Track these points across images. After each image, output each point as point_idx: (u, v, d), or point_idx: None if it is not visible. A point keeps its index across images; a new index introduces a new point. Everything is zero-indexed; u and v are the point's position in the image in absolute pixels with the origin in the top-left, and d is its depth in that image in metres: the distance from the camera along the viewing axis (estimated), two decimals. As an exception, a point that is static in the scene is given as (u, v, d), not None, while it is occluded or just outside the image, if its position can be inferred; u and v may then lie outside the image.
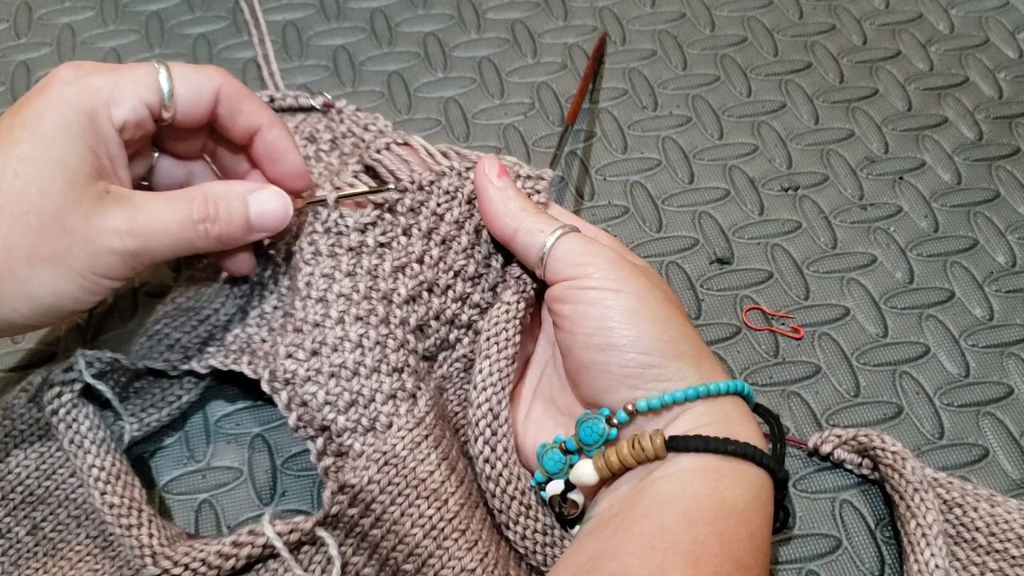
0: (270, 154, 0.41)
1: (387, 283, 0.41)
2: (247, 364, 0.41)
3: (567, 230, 0.40)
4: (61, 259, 0.34)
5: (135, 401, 0.42)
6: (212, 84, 0.39)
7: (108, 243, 0.35)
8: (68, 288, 0.35)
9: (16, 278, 0.34)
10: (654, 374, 0.37)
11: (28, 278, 0.34)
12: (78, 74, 0.36)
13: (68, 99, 0.35)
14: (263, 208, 0.39)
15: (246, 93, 0.40)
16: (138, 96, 0.37)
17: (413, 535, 0.37)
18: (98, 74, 0.36)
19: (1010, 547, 0.39)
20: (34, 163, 0.34)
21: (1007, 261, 0.51)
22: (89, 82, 0.36)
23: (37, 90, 0.36)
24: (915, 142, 0.56)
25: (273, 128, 0.40)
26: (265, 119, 0.40)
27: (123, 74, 0.37)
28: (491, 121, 0.56)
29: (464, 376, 0.43)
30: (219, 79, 0.39)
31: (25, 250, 0.34)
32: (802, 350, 0.47)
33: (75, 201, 0.34)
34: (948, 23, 0.61)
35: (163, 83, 0.37)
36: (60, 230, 0.34)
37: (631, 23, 0.61)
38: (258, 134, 0.40)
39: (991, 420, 0.45)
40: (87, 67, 0.36)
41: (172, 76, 0.38)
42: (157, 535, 0.37)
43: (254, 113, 0.40)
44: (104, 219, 0.35)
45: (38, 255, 0.34)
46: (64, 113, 0.35)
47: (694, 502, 0.34)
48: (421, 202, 0.43)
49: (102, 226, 0.35)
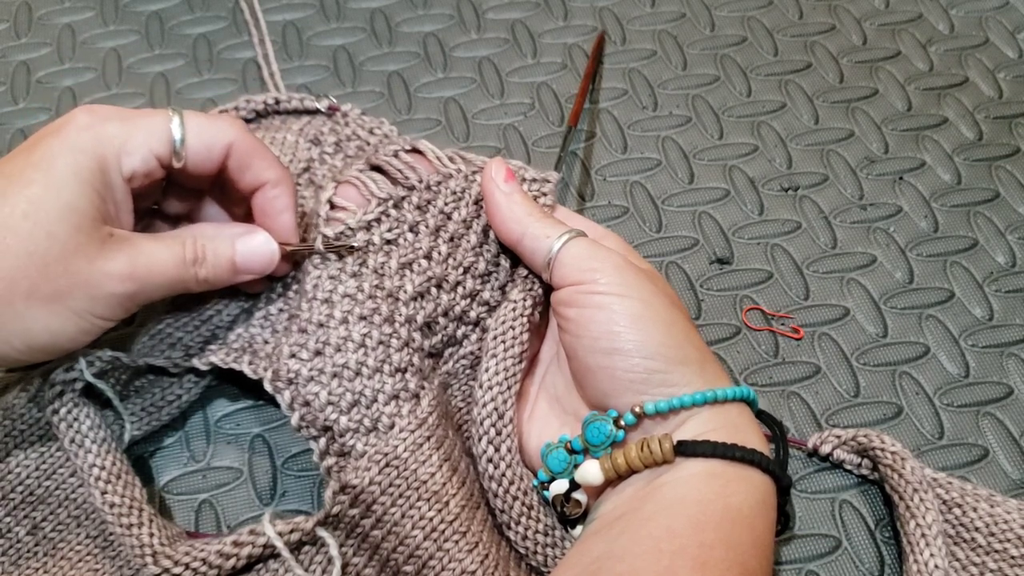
0: (266, 210, 0.41)
1: (393, 280, 0.41)
2: (248, 364, 0.41)
3: (573, 235, 0.40)
4: (61, 299, 0.35)
5: (135, 400, 0.42)
6: (225, 138, 0.39)
7: (109, 287, 0.36)
8: (65, 327, 0.36)
9: (14, 314, 0.35)
10: (659, 379, 0.37)
11: (26, 315, 0.35)
12: (93, 120, 0.36)
13: (82, 145, 0.36)
14: (250, 252, 0.40)
15: (257, 150, 0.40)
16: (149, 148, 0.37)
17: (414, 537, 0.37)
18: (113, 122, 0.37)
19: (1009, 547, 0.39)
20: (44, 206, 0.34)
21: (1007, 261, 0.51)
22: (103, 130, 0.36)
23: (52, 130, 0.36)
24: (915, 142, 0.56)
25: (277, 187, 0.40)
26: (272, 176, 0.40)
27: (137, 124, 0.37)
28: (491, 121, 0.56)
29: (470, 373, 0.43)
30: (232, 134, 0.39)
31: (26, 288, 0.34)
32: (802, 350, 0.47)
33: (80, 244, 0.35)
34: (948, 23, 0.61)
35: (175, 133, 0.38)
36: (63, 272, 0.35)
37: (631, 23, 0.61)
38: (261, 189, 0.40)
39: (991, 420, 0.45)
40: (103, 113, 0.37)
41: (185, 127, 0.38)
42: (158, 534, 0.37)
43: (263, 171, 0.40)
44: (106, 263, 0.36)
45: (38, 293, 0.35)
46: (77, 159, 0.35)
47: (701, 507, 0.34)
48: (428, 201, 0.43)
49: (103, 270, 0.36)
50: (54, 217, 0.34)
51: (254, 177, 0.40)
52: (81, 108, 0.37)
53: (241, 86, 0.57)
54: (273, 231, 0.41)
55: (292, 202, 0.41)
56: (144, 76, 0.57)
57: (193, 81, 0.57)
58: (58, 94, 0.56)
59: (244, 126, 0.40)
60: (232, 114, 0.51)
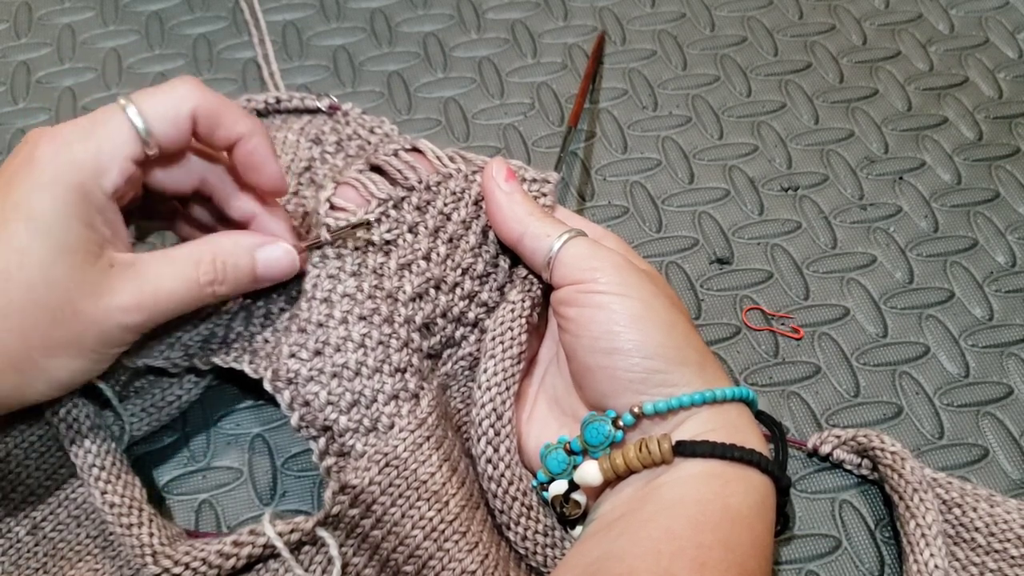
0: (249, 164, 0.40)
1: (392, 281, 0.41)
2: (248, 363, 0.41)
3: (573, 234, 0.40)
4: (75, 343, 0.35)
5: (135, 401, 0.42)
6: (186, 106, 0.37)
7: (118, 320, 0.35)
8: (83, 365, 0.36)
9: (36, 367, 0.35)
10: (659, 379, 0.37)
11: (47, 365, 0.35)
12: (57, 147, 0.35)
13: (56, 177, 0.34)
14: (271, 263, 0.39)
15: (222, 107, 0.38)
16: (121, 156, 0.35)
17: (414, 537, 0.37)
18: (76, 143, 0.35)
19: (1009, 547, 0.39)
20: (36, 256, 0.33)
21: (1007, 261, 0.51)
22: (71, 155, 0.35)
23: (19, 167, 0.35)
24: (915, 142, 0.56)
25: (252, 138, 0.39)
26: (244, 128, 0.39)
27: (99, 136, 0.35)
28: (491, 121, 0.56)
29: (469, 374, 0.43)
30: (192, 99, 0.37)
31: (40, 340, 0.34)
32: (802, 350, 0.47)
33: (81, 283, 0.34)
34: (948, 23, 0.61)
35: (137, 123, 0.36)
36: (72, 316, 0.34)
37: (631, 23, 0.61)
38: (238, 144, 0.39)
39: (991, 420, 0.45)
40: (63, 136, 0.35)
41: (144, 114, 0.36)
42: (158, 534, 0.37)
43: (233, 125, 0.38)
44: (112, 298, 0.35)
45: (53, 343, 0.35)
46: (55, 194, 0.34)
47: (700, 507, 0.34)
48: (428, 201, 0.43)
49: (110, 305, 0.35)
50: (49, 263, 0.33)
51: (226, 134, 0.38)
52: (39, 135, 0.35)
53: (241, 86, 0.57)
54: (262, 184, 0.40)
55: (271, 151, 0.40)
56: (144, 76, 0.57)
57: (193, 81, 0.57)
58: (58, 94, 0.56)
59: (198, 84, 0.38)
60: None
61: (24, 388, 0.36)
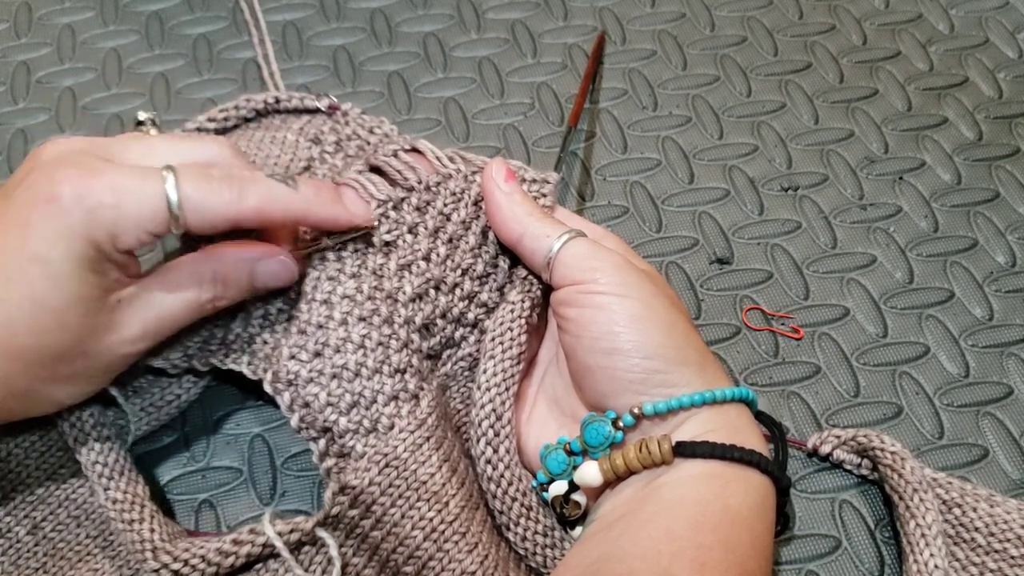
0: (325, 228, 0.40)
1: (392, 282, 0.41)
2: (247, 364, 0.41)
3: (573, 235, 0.40)
4: (80, 376, 0.36)
5: (135, 400, 0.42)
6: (226, 215, 0.36)
7: (124, 352, 0.37)
8: (86, 389, 0.38)
9: (40, 397, 0.36)
10: (659, 379, 0.37)
11: (52, 393, 0.36)
12: (82, 193, 0.33)
13: (73, 228, 0.33)
14: (269, 275, 0.40)
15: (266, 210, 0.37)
16: (143, 229, 0.35)
17: (414, 537, 0.37)
18: (103, 194, 0.34)
19: (1009, 547, 0.39)
20: (50, 304, 0.34)
21: (1007, 261, 0.51)
22: (94, 206, 0.34)
23: (39, 201, 0.34)
24: (915, 142, 0.56)
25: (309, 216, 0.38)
26: (295, 214, 0.38)
27: (127, 203, 0.34)
28: (491, 121, 0.56)
29: (468, 375, 0.43)
30: (235, 211, 0.36)
31: (47, 375, 0.35)
32: (802, 350, 0.47)
33: (91, 327, 0.35)
34: (948, 23, 0.61)
35: (172, 201, 0.34)
36: (79, 355, 0.35)
37: (631, 23, 0.61)
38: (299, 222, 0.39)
39: (991, 420, 0.45)
40: (91, 183, 0.34)
41: (182, 198, 0.34)
42: (159, 531, 0.38)
43: (282, 216, 0.37)
44: (119, 332, 0.36)
45: (58, 377, 0.36)
46: (71, 247, 0.34)
47: (699, 508, 0.34)
48: (427, 202, 0.43)
49: (116, 339, 0.36)
50: (62, 311, 0.34)
51: (278, 223, 0.39)
52: (66, 176, 0.34)
53: (241, 86, 0.57)
54: (343, 227, 0.40)
55: (332, 202, 0.39)
56: (144, 76, 0.57)
57: (193, 81, 0.57)
58: (58, 94, 0.56)
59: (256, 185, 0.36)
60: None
61: (23, 410, 0.37)
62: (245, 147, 0.50)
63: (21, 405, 0.36)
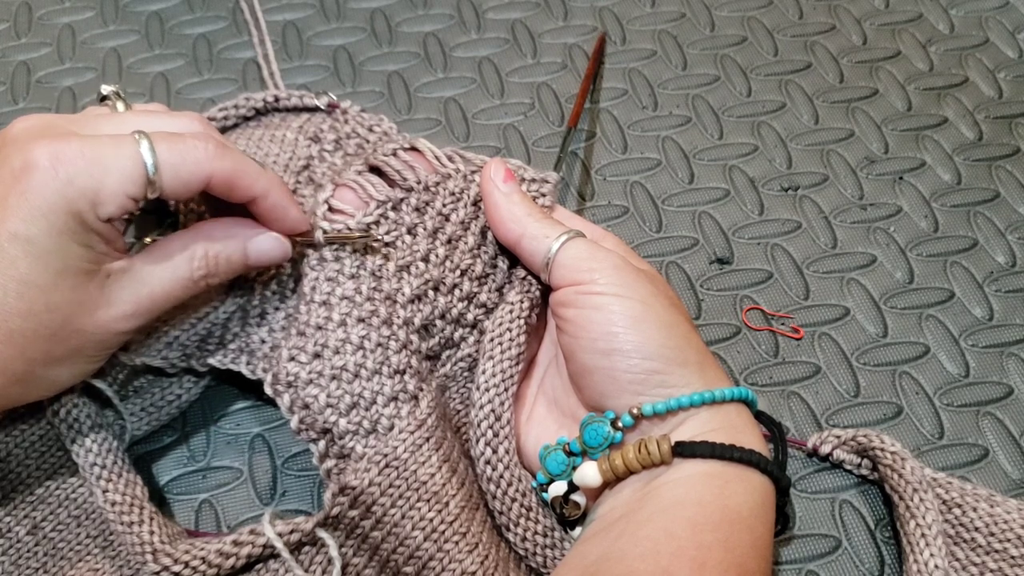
0: (270, 217, 0.40)
1: (391, 283, 0.41)
2: (245, 364, 0.41)
3: (572, 235, 0.40)
4: (76, 354, 0.36)
5: (135, 401, 0.42)
6: (202, 173, 0.36)
7: (117, 328, 0.36)
8: (83, 368, 0.38)
9: (38, 379, 0.36)
10: (658, 380, 0.37)
11: (49, 375, 0.36)
12: (57, 166, 0.33)
13: (52, 202, 0.33)
14: (262, 252, 0.40)
15: (238, 173, 0.37)
16: (123, 193, 0.34)
17: (414, 537, 0.37)
18: (79, 166, 0.33)
19: (1009, 547, 0.39)
20: (36, 282, 0.33)
21: (1007, 261, 0.51)
22: (71, 178, 0.33)
23: (14, 186, 0.33)
24: (915, 142, 0.56)
25: (269, 198, 0.38)
26: (260, 190, 0.38)
27: (105, 168, 0.34)
28: (491, 121, 0.56)
29: (467, 376, 0.43)
30: (209, 166, 0.36)
31: (42, 357, 0.35)
32: (802, 350, 0.47)
33: (80, 302, 0.35)
34: (948, 23, 0.61)
35: (148, 164, 0.34)
36: (72, 333, 0.35)
37: (631, 23, 0.61)
38: (255, 201, 0.39)
39: (991, 420, 0.45)
40: (67, 155, 0.33)
41: (158, 161, 0.35)
42: (158, 532, 0.38)
43: (248, 189, 0.38)
44: (110, 309, 0.36)
45: (54, 358, 0.35)
46: (52, 221, 0.33)
47: (699, 508, 0.34)
48: (426, 202, 0.43)
49: (109, 316, 0.36)
50: (48, 288, 0.34)
51: (241, 195, 0.38)
52: (38, 146, 0.33)
53: (241, 86, 0.57)
54: (285, 230, 0.40)
55: (289, 199, 0.40)
56: (144, 76, 0.57)
57: (193, 81, 0.57)
58: (58, 94, 0.56)
59: (218, 147, 0.37)
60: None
61: (26, 394, 0.37)
62: (244, 146, 0.50)
63: (22, 389, 0.36)
